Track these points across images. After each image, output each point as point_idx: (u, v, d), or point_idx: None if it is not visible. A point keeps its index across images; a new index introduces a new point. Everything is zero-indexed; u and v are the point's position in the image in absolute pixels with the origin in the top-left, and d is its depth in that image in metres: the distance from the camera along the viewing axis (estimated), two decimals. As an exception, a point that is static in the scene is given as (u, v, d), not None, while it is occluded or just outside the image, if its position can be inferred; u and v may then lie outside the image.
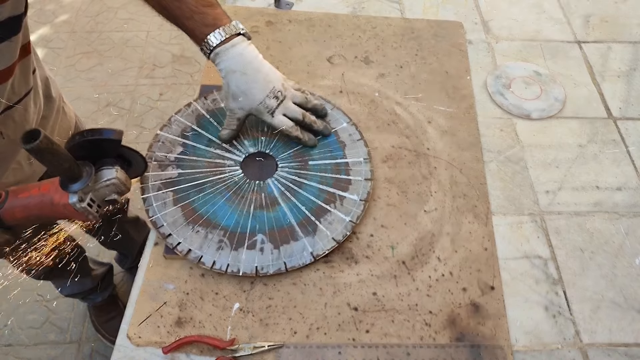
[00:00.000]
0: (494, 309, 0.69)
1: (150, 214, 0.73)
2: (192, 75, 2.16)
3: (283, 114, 0.78)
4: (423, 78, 0.96)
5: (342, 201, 0.76)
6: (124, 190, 0.65)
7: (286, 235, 0.72)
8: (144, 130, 1.97)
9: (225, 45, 0.72)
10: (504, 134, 0.90)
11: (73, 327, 1.50)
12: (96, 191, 0.62)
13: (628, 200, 0.82)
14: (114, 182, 0.62)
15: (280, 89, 0.76)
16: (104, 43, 2.27)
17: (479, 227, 0.77)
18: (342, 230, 0.73)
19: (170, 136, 0.82)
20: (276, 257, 0.70)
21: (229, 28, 0.73)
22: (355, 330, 0.67)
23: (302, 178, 0.78)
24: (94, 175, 0.61)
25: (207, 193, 0.76)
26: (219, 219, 0.73)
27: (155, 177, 0.77)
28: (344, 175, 0.79)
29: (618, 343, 0.68)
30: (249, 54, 0.74)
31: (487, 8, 1.13)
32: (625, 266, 0.75)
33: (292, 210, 0.75)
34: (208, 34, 0.72)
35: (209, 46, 0.73)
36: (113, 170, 0.63)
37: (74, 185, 0.59)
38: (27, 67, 0.76)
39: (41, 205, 0.61)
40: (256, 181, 0.78)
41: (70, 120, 0.99)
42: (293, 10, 1.09)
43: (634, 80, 1.00)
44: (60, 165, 0.56)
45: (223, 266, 0.69)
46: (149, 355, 0.64)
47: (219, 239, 0.72)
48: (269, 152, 0.81)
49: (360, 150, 0.82)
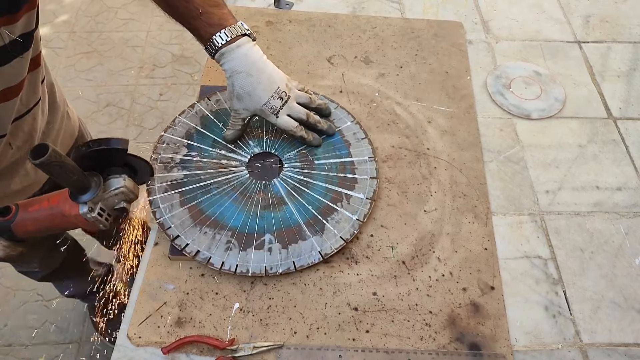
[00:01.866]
0: (494, 309, 0.69)
1: (158, 216, 0.73)
2: (192, 75, 2.16)
3: (287, 114, 0.78)
4: (423, 78, 0.96)
5: (348, 200, 0.76)
6: (133, 198, 0.65)
7: (294, 234, 0.72)
8: (144, 130, 1.97)
9: (231, 46, 0.73)
10: (504, 134, 0.90)
11: (73, 327, 1.50)
12: (105, 200, 0.62)
13: (628, 200, 0.82)
14: (123, 190, 0.63)
15: (285, 89, 0.77)
16: (104, 43, 2.27)
17: (479, 227, 0.77)
18: (349, 229, 0.73)
19: (175, 138, 0.83)
20: (285, 256, 0.71)
21: (235, 29, 0.73)
22: (355, 330, 0.67)
23: (308, 177, 0.78)
24: (103, 185, 0.62)
25: (213, 194, 0.76)
26: (227, 220, 0.73)
27: (162, 179, 0.77)
28: (350, 174, 0.79)
29: (618, 343, 0.68)
30: (254, 54, 0.75)
31: (487, 8, 1.13)
32: (625, 266, 0.75)
33: (299, 209, 0.75)
34: (213, 34, 0.72)
35: (214, 46, 0.73)
36: (121, 179, 0.63)
37: (83, 196, 0.60)
38: (36, 79, 0.76)
39: (52, 217, 0.62)
40: (262, 181, 0.78)
41: (74, 124, 0.99)
42: (293, 10, 1.09)
43: (634, 80, 1.00)
44: (69, 177, 0.57)
45: (232, 267, 0.69)
46: (149, 355, 0.64)
47: (227, 239, 0.72)
48: (274, 152, 0.82)
49: (365, 149, 0.82)
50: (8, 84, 0.67)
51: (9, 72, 0.65)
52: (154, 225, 0.75)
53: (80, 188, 0.60)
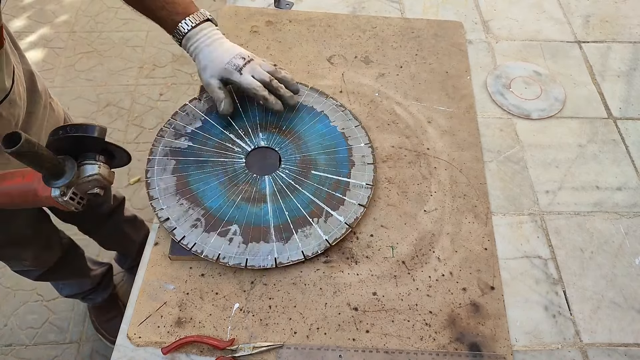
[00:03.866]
0: (494, 309, 0.69)
1: (148, 175, 0.77)
2: (192, 75, 2.16)
3: (251, 75, 0.80)
4: (423, 78, 0.96)
5: (327, 219, 0.74)
6: (106, 185, 0.66)
7: (259, 234, 0.73)
8: (144, 130, 1.97)
9: (194, 30, 0.79)
10: (504, 134, 0.90)
11: (73, 327, 1.50)
12: (79, 185, 0.63)
13: (628, 200, 0.82)
14: (96, 177, 0.63)
15: (248, 54, 0.81)
16: (104, 43, 2.27)
17: (479, 227, 0.77)
18: (314, 247, 0.72)
19: (195, 110, 0.86)
20: (241, 251, 0.71)
21: (198, 15, 0.79)
22: (355, 330, 0.67)
23: (298, 184, 0.78)
24: (77, 170, 0.62)
25: (205, 171, 0.78)
26: (205, 199, 0.75)
27: (167, 143, 0.81)
28: (340, 194, 0.77)
29: (618, 343, 0.68)
30: (216, 34, 0.81)
31: (487, 8, 1.13)
32: (625, 266, 0.75)
33: (275, 212, 0.75)
34: (179, 22, 0.78)
35: (181, 33, 0.79)
36: (96, 165, 0.63)
37: (56, 181, 0.60)
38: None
39: (24, 194, 0.63)
40: (254, 174, 0.79)
41: (59, 116, 0.99)
42: (293, 10, 1.09)
43: (634, 80, 1.00)
44: (42, 165, 0.57)
45: (190, 244, 0.71)
46: (149, 355, 0.64)
47: (197, 217, 0.73)
48: (277, 150, 0.82)
49: (366, 175, 0.80)
50: None
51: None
52: (154, 226, 0.75)
53: (53, 174, 0.60)
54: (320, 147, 0.83)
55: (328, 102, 0.88)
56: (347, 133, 0.85)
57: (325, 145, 0.83)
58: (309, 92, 0.90)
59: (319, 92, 0.90)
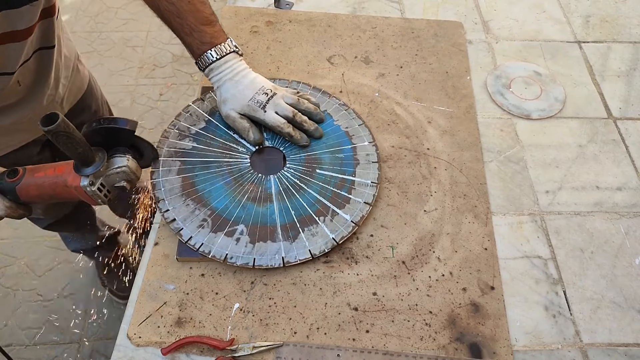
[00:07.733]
0: (494, 309, 0.69)
1: (154, 177, 0.77)
2: (192, 75, 2.16)
3: (275, 111, 0.79)
4: (423, 78, 0.96)
5: (333, 217, 0.75)
6: (134, 179, 0.68)
7: (266, 233, 0.73)
8: (144, 130, 1.97)
9: (219, 61, 0.78)
10: (504, 134, 0.90)
11: (73, 327, 1.50)
12: (107, 177, 0.66)
13: (628, 200, 0.82)
14: (125, 170, 0.66)
15: (270, 87, 0.80)
16: (104, 43, 2.27)
17: (479, 227, 0.77)
18: (321, 246, 0.72)
19: (199, 110, 0.85)
20: (248, 251, 0.71)
21: (224, 46, 0.78)
22: (355, 330, 0.67)
23: (303, 183, 0.78)
24: (106, 162, 0.65)
25: (210, 172, 0.78)
26: (211, 199, 0.75)
27: (172, 144, 0.81)
28: (345, 193, 0.78)
29: (618, 343, 0.68)
30: (240, 66, 0.80)
31: (487, 8, 1.13)
32: (625, 266, 0.75)
33: (281, 211, 0.75)
34: (205, 51, 0.78)
35: (204, 62, 0.78)
36: (125, 158, 0.67)
37: (86, 169, 0.63)
38: (47, 28, 0.80)
39: (55, 185, 0.65)
40: (259, 174, 0.79)
41: (84, 78, 1.03)
42: (293, 10, 1.09)
43: (634, 80, 1.00)
44: (75, 149, 0.60)
45: (197, 244, 0.71)
46: (149, 355, 0.64)
47: (204, 217, 0.73)
48: (282, 150, 0.82)
49: (371, 173, 0.80)
50: (14, 27, 0.70)
51: (16, 16, 0.68)
52: (154, 226, 0.75)
53: (84, 161, 0.63)
54: (324, 146, 0.83)
55: (331, 102, 0.89)
56: (350, 132, 0.85)
57: (330, 144, 0.83)
58: (311, 91, 0.90)
59: (322, 91, 0.90)
